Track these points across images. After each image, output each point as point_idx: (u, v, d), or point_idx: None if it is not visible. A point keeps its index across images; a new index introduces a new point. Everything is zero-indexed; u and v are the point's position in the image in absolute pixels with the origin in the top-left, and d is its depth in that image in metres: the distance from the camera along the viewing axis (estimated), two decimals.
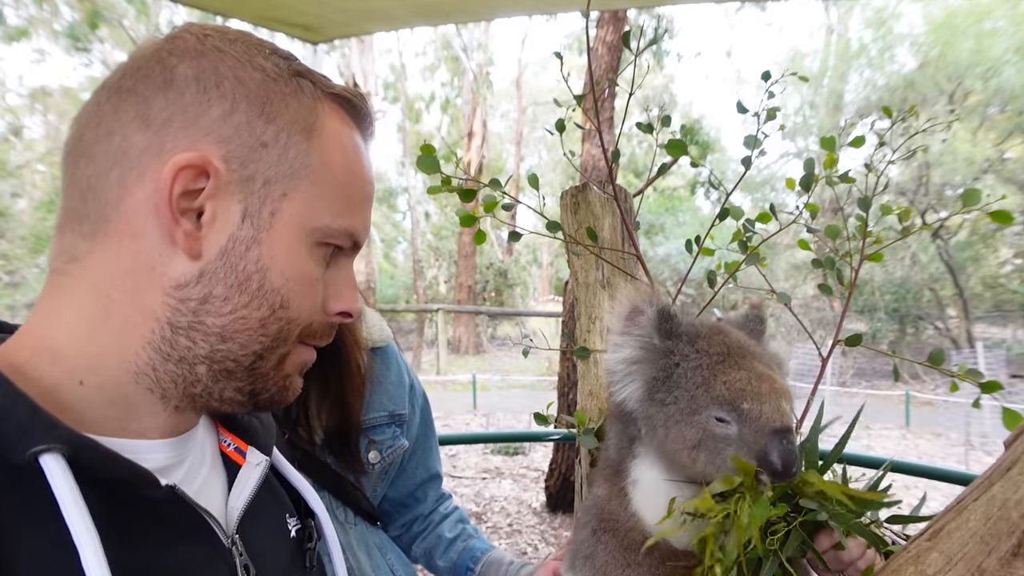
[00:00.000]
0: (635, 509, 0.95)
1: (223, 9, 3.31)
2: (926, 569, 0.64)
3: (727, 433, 0.83)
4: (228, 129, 0.62)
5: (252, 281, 0.63)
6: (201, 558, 0.66)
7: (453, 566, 1.44)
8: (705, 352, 0.89)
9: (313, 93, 0.67)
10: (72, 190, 0.63)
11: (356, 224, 0.70)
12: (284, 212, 0.64)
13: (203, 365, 0.64)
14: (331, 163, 0.67)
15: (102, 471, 0.58)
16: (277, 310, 0.65)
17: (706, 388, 0.85)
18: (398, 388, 1.41)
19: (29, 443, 0.54)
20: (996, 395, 1.28)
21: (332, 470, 1.28)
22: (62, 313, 0.62)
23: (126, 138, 0.61)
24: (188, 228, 0.61)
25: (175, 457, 0.68)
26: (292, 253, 0.65)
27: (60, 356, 0.61)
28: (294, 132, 0.64)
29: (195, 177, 0.60)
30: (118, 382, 0.62)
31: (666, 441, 0.88)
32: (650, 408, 0.90)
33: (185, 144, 0.61)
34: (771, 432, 0.81)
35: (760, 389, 0.84)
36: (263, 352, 0.66)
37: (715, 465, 0.84)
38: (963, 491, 0.67)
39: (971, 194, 1.29)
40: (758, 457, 0.81)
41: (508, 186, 1.50)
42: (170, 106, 0.61)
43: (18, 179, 17.23)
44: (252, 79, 0.63)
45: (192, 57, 0.63)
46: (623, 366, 0.93)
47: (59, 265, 0.63)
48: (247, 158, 0.62)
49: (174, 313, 0.62)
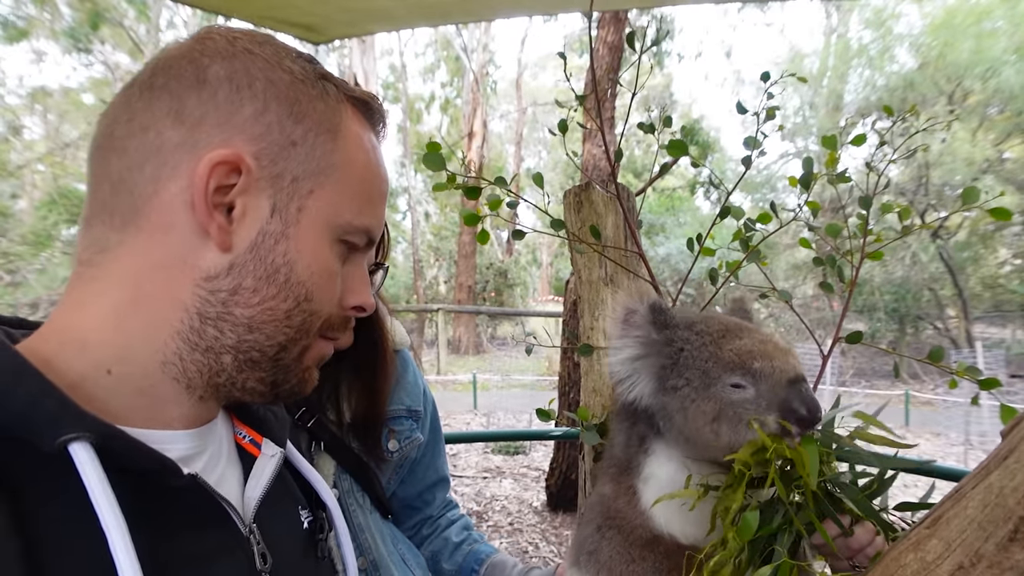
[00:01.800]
0: (645, 506, 0.96)
1: (224, 9, 3.32)
2: (926, 555, 0.65)
3: (745, 397, 0.85)
4: (260, 128, 0.64)
5: (280, 274, 0.65)
6: (221, 546, 0.68)
7: (458, 569, 1.48)
8: (705, 332, 0.92)
9: (337, 96, 0.69)
10: (102, 184, 0.64)
11: (373, 221, 0.72)
12: (310, 208, 0.66)
13: (229, 355, 0.66)
14: (354, 162, 0.69)
15: (128, 460, 0.59)
16: (302, 303, 0.67)
17: (716, 360, 0.88)
18: (414, 387, 1.49)
19: (59, 432, 0.55)
20: (995, 393, 1.29)
21: (356, 454, 1.34)
22: (91, 304, 0.63)
23: (160, 134, 0.63)
24: (221, 222, 0.63)
25: (196, 448, 0.69)
26: (317, 248, 0.67)
27: (88, 346, 0.62)
28: (321, 132, 0.67)
29: (228, 173, 0.62)
30: (145, 371, 0.64)
31: (686, 423, 0.89)
32: (664, 397, 0.92)
33: (219, 141, 0.63)
34: (788, 382, 0.84)
35: (767, 349, 0.87)
36: (287, 343, 0.68)
37: (738, 432, 0.85)
38: (962, 480, 0.69)
39: (970, 192, 1.31)
40: (781, 408, 0.82)
41: (510, 185, 1.51)
42: (203, 104, 0.63)
43: (18, 179, 17.24)
44: (282, 80, 0.66)
45: (224, 58, 0.65)
46: (627, 366, 0.95)
47: (88, 257, 0.65)
48: (277, 156, 0.65)
49: (204, 304, 0.64)
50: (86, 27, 15.64)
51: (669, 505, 0.92)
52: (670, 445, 0.95)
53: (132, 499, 0.58)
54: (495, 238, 21.01)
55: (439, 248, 23.04)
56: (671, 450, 0.95)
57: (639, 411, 0.98)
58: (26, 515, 0.54)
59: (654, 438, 0.96)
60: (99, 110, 0.67)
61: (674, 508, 0.92)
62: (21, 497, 0.54)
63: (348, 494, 1.33)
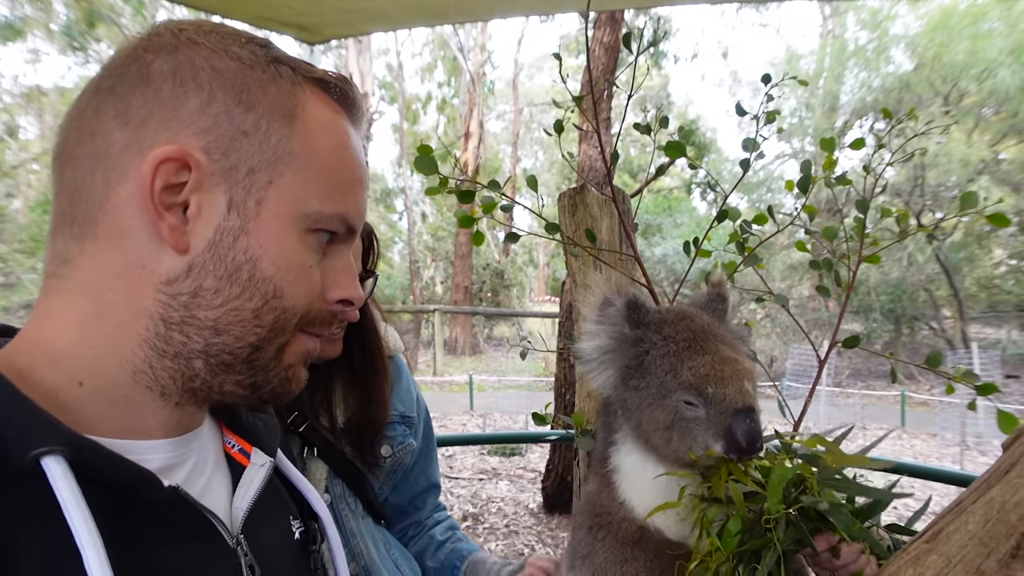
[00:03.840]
0: (621, 496, 1.00)
1: (221, 9, 3.30)
2: (925, 571, 0.64)
3: (696, 415, 0.89)
4: (207, 120, 0.61)
5: (242, 272, 0.62)
6: (205, 559, 0.66)
7: (441, 566, 1.50)
8: (672, 339, 0.95)
9: (292, 78, 0.65)
10: (61, 194, 0.63)
11: (348, 208, 0.68)
12: (271, 200, 0.63)
13: (199, 360, 0.64)
14: (316, 147, 0.65)
15: (104, 472, 0.58)
16: (270, 300, 0.64)
17: (674, 374, 0.92)
18: (408, 394, 1.50)
19: (30, 445, 0.53)
20: (991, 396, 1.29)
21: (348, 460, 1.34)
22: (58, 315, 0.62)
23: (107, 137, 0.61)
24: (173, 222, 0.60)
25: (177, 457, 0.67)
26: (282, 241, 0.64)
27: (59, 358, 0.61)
28: (275, 118, 0.63)
29: (177, 170, 0.60)
30: (116, 382, 0.62)
31: (641, 423, 0.94)
32: (624, 393, 0.97)
33: (164, 138, 0.60)
34: (734, 412, 0.87)
35: (723, 373, 0.90)
36: (259, 343, 0.65)
37: (686, 444, 0.90)
38: (962, 493, 0.67)
39: (969, 197, 1.30)
40: (724, 435, 0.87)
41: (505, 187, 1.50)
42: (148, 103, 0.61)
43: (13, 179, 17.18)
44: (228, 68, 0.62)
45: (167, 52, 0.62)
46: (597, 354, 0.99)
47: (53, 269, 0.63)
48: (228, 147, 0.61)
49: (166, 309, 0.62)
50: (82, 25, 15.57)
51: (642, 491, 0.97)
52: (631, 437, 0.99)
53: (110, 513, 0.56)
54: (491, 238, 20.99)
55: (436, 248, 23.02)
56: (633, 442, 0.99)
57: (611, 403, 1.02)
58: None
59: (619, 429, 1.01)
60: None
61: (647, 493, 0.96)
62: None
63: (340, 499, 1.33)
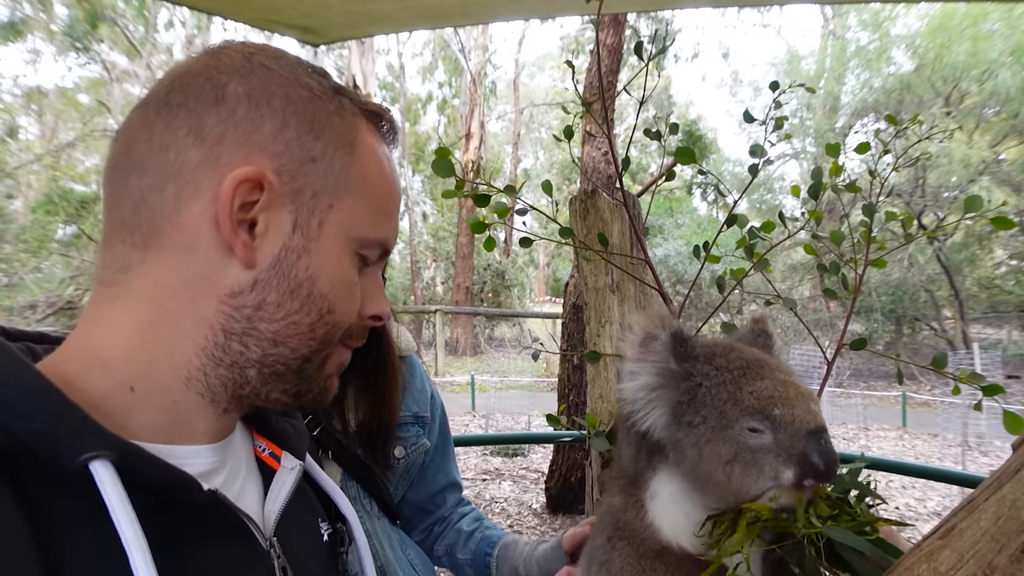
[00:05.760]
0: (651, 520, 0.95)
1: (224, 10, 3.31)
2: (938, 566, 0.66)
3: (762, 443, 0.83)
4: (280, 145, 0.65)
5: (303, 288, 0.66)
6: (242, 561, 0.68)
7: (472, 556, 1.48)
8: (725, 368, 0.89)
9: (352, 110, 0.70)
10: (123, 202, 0.64)
11: (389, 234, 0.74)
12: (331, 223, 0.67)
13: (254, 369, 0.67)
14: (369, 175, 0.70)
15: (148, 477, 0.60)
16: (325, 315, 0.68)
17: (734, 401, 0.85)
18: (421, 393, 1.50)
19: (80, 450, 0.55)
20: (996, 397, 1.30)
21: (363, 461, 1.35)
22: (113, 323, 0.64)
23: (180, 153, 0.63)
24: (246, 239, 0.63)
25: (217, 462, 0.70)
26: (337, 261, 0.68)
27: (111, 365, 0.63)
28: (339, 147, 0.68)
29: (251, 190, 0.63)
30: (168, 388, 0.64)
31: (700, 461, 0.87)
32: (678, 432, 0.89)
33: (241, 159, 0.63)
34: (807, 433, 0.81)
35: (788, 394, 0.84)
36: (310, 355, 0.69)
37: (751, 476, 0.83)
38: (974, 491, 0.70)
39: (973, 200, 1.32)
40: (798, 460, 0.81)
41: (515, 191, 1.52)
42: (223, 122, 0.63)
43: (14, 180, 17.18)
44: (300, 97, 0.66)
45: (242, 75, 0.65)
46: (643, 394, 0.92)
47: (109, 276, 0.65)
48: (297, 171, 0.65)
49: (228, 320, 0.64)
50: (84, 25, 15.58)
51: (677, 521, 0.92)
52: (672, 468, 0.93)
53: (153, 516, 0.58)
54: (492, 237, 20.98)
55: (437, 249, 23.04)
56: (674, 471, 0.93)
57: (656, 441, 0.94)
58: (48, 533, 0.54)
59: (660, 458, 0.94)
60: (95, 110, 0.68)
61: (682, 523, 0.92)
62: (43, 516, 0.55)
63: (356, 501, 1.34)
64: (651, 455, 0.96)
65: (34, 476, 0.56)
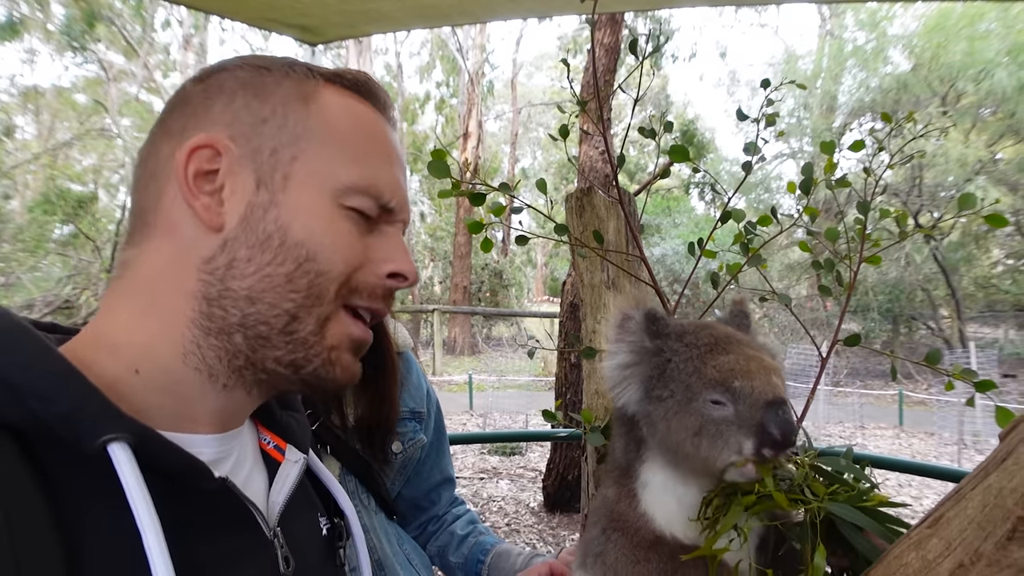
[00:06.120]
0: (644, 510, 0.97)
1: (222, 9, 3.32)
2: (927, 554, 0.68)
3: (724, 414, 0.85)
4: (229, 115, 0.69)
5: (273, 239, 0.67)
6: (247, 548, 0.69)
7: (465, 561, 1.50)
8: (693, 344, 0.92)
9: (305, 72, 0.73)
10: (130, 220, 0.72)
11: (377, 181, 0.72)
12: (298, 173, 0.69)
13: (238, 333, 0.67)
14: (335, 124, 0.71)
15: (164, 461, 0.61)
16: (303, 263, 0.67)
17: (698, 375, 0.88)
18: (418, 389, 1.51)
19: (100, 432, 0.57)
20: (989, 394, 1.31)
21: (361, 457, 1.35)
22: (117, 311, 0.68)
23: (155, 156, 0.70)
24: (206, 201, 0.67)
25: (223, 452, 0.71)
26: (313, 209, 0.69)
27: (118, 349, 0.66)
28: (290, 103, 0.70)
29: (211, 158, 0.67)
30: (168, 367, 0.66)
31: (668, 434, 0.90)
32: (648, 406, 0.93)
33: (199, 137, 0.68)
34: (765, 404, 0.83)
35: (750, 367, 0.87)
36: (296, 311, 0.68)
37: (717, 448, 0.86)
38: (961, 481, 0.71)
39: (967, 198, 1.33)
40: (756, 431, 0.83)
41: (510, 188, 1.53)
42: (183, 116, 0.70)
43: (11, 179, 17.16)
44: (247, 74, 0.71)
45: (199, 77, 0.72)
46: (619, 371, 0.96)
47: (118, 273, 0.71)
48: (251, 134, 0.69)
49: (206, 286, 0.67)
50: (81, 25, 15.55)
51: (669, 508, 0.94)
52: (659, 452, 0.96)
53: (166, 500, 0.59)
54: (490, 237, 21.00)
55: (434, 248, 23.05)
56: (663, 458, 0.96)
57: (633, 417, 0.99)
58: (66, 513, 0.56)
59: (648, 444, 0.97)
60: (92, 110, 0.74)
61: (674, 511, 0.94)
62: (62, 496, 0.56)
63: (353, 495, 1.35)
64: (640, 444, 0.99)
65: (54, 457, 0.58)
